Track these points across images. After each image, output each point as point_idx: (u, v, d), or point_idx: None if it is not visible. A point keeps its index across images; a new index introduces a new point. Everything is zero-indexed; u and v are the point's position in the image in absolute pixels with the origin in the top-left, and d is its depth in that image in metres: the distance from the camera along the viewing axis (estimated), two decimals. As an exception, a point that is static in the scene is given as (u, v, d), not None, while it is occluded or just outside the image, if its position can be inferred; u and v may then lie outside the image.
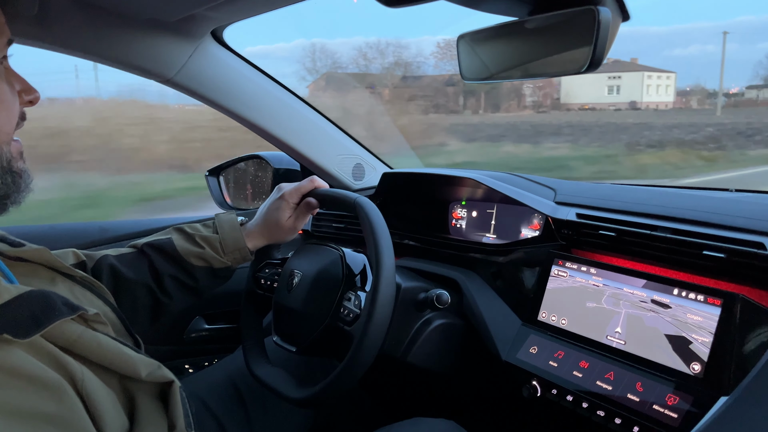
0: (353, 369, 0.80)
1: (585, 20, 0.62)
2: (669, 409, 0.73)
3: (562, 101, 45.36)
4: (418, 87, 38.08)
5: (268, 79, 1.30)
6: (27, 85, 0.66)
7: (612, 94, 48.28)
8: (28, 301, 0.49)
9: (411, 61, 49.60)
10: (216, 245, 0.94)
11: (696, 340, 0.76)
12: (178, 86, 1.19)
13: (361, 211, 0.86)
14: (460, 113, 33.76)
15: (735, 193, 1.05)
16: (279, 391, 0.91)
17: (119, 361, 0.52)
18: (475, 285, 1.07)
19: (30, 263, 0.67)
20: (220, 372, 1.11)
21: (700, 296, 0.78)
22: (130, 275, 0.89)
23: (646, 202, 0.94)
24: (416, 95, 33.92)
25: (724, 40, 50.33)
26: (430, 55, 53.14)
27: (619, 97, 47.45)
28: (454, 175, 1.23)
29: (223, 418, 0.99)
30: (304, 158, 1.41)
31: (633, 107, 43.13)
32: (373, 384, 1.23)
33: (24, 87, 0.66)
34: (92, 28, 1.02)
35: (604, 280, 0.89)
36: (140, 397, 0.54)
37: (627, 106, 43.13)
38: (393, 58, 46.27)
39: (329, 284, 0.91)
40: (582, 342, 0.89)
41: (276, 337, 0.98)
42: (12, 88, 0.64)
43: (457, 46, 0.80)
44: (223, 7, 0.99)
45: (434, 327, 1.00)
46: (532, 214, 1.12)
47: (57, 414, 0.43)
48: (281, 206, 0.96)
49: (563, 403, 0.85)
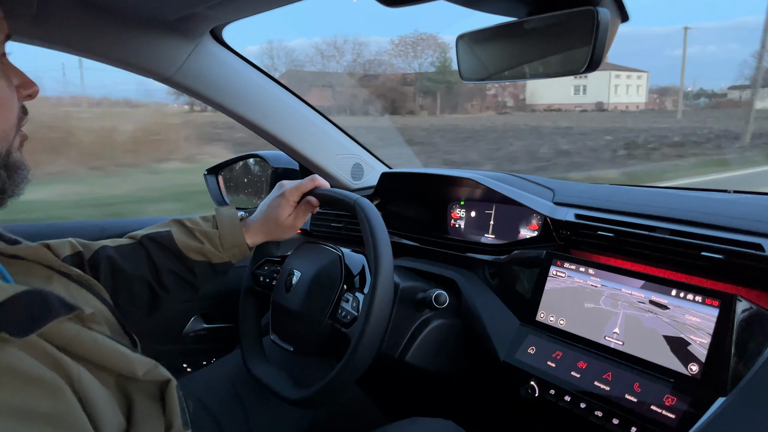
0: (350, 370, 0.80)
1: (584, 21, 0.62)
2: (667, 410, 0.74)
3: (527, 102, 43.83)
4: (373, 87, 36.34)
5: (268, 78, 1.30)
6: (25, 79, 0.66)
7: (578, 94, 45.91)
8: (25, 300, 0.48)
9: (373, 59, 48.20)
10: (215, 240, 0.94)
11: (694, 341, 0.76)
12: (177, 85, 1.19)
13: (361, 212, 0.86)
14: (417, 114, 32.25)
15: (733, 195, 1.05)
16: (276, 390, 0.91)
17: (116, 360, 0.52)
18: (473, 285, 1.07)
19: (26, 261, 0.67)
20: (218, 371, 1.11)
21: (698, 297, 0.78)
22: (128, 267, 0.89)
23: (644, 202, 0.94)
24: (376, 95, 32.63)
25: (685, 37, 44.17)
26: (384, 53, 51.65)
27: (586, 98, 45.13)
28: (452, 175, 1.23)
29: (221, 417, 0.99)
30: (303, 157, 1.40)
31: (599, 108, 41.53)
32: (371, 384, 1.23)
33: (22, 81, 0.65)
34: (91, 26, 1.02)
35: (602, 280, 0.89)
36: (137, 396, 0.54)
37: (594, 107, 41.77)
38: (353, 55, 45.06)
39: (328, 285, 0.91)
40: (580, 342, 0.89)
41: (274, 336, 0.98)
42: (9, 83, 0.63)
43: (456, 46, 0.80)
44: (222, 6, 0.98)
45: (432, 327, 1.00)
46: (530, 214, 1.12)
47: (54, 413, 0.43)
48: (281, 203, 0.96)
49: (561, 403, 0.85)
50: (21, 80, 0.65)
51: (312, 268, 0.95)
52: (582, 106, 43.15)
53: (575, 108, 42.03)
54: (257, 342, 1.04)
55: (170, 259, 0.92)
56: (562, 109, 41.36)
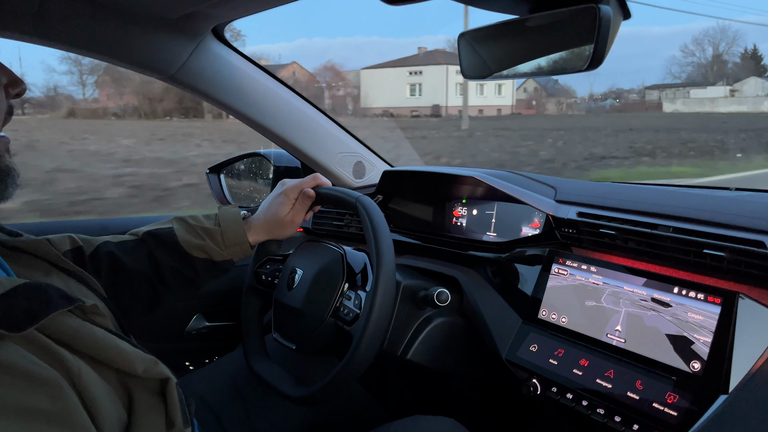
0: (352, 368, 0.80)
1: (586, 18, 0.62)
2: (669, 407, 0.74)
3: (362, 105, 37.21)
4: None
5: (269, 76, 1.30)
6: (13, 77, 0.63)
7: (414, 95, 37.97)
8: (23, 293, 0.48)
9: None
10: (217, 238, 0.93)
11: (696, 338, 0.76)
12: (180, 83, 1.19)
13: (363, 210, 0.86)
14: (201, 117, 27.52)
15: (735, 192, 1.05)
16: (278, 388, 0.92)
17: (115, 355, 0.52)
18: (475, 283, 1.07)
19: (26, 254, 0.67)
20: (220, 369, 1.11)
21: (700, 295, 0.78)
22: (130, 263, 0.88)
23: (646, 200, 0.94)
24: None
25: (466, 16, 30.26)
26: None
27: (421, 100, 37.00)
28: (454, 174, 1.23)
29: (223, 415, 0.99)
30: (305, 156, 1.41)
31: (435, 113, 34.25)
32: (374, 382, 1.23)
33: (10, 80, 0.63)
34: (93, 25, 1.02)
35: (604, 278, 0.89)
36: (138, 392, 0.53)
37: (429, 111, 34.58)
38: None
39: (330, 283, 0.91)
40: (582, 340, 0.89)
41: (276, 334, 0.98)
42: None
43: (458, 45, 0.80)
44: (223, 5, 0.99)
45: (434, 325, 1.01)
46: (532, 212, 1.12)
47: (53, 411, 0.43)
48: (283, 201, 0.96)
49: (563, 401, 0.85)
50: (9, 79, 0.63)
51: (314, 267, 0.95)
52: (417, 109, 35.86)
53: (411, 112, 35.10)
54: (259, 340, 1.04)
55: (172, 255, 0.92)
56: (395, 114, 34.31)
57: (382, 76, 38.73)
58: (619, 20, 0.64)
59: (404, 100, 37.39)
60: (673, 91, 47.31)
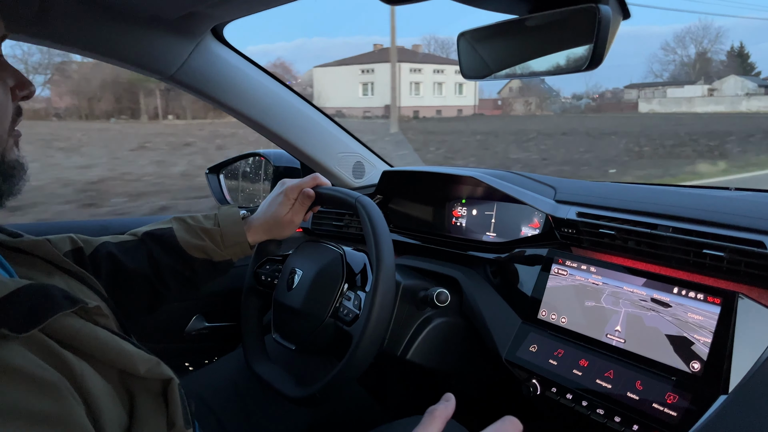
0: (352, 368, 0.80)
1: (586, 18, 0.62)
2: (668, 408, 0.74)
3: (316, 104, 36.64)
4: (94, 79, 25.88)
5: (269, 76, 1.30)
6: (22, 79, 0.63)
7: (367, 95, 35.67)
8: (27, 294, 0.48)
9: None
10: (217, 238, 0.93)
11: (695, 338, 0.76)
12: (179, 83, 1.19)
13: (362, 210, 0.86)
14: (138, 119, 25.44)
15: (735, 192, 1.05)
16: (278, 388, 0.92)
17: (118, 356, 0.52)
18: (475, 283, 1.07)
19: (28, 255, 0.67)
20: (220, 370, 1.11)
21: (700, 295, 0.78)
22: (129, 263, 0.88)
23: (646, 200, 0.94)
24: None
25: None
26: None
27: (374, 99, 34.38)
28: (454, 174, 1.23)
29: (223, 416, 0.99)
30: (305, 156, 1.41)
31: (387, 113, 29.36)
32: (373, 382, 1.23)
33: (18, 82, 0.63)
34: (93, 25, 1.02)
35: (604, 278, 0.89)
36: (139, 393, 0.53)
37: (382, 112, 31.42)
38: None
39: (329, 283, 0.91)
40: (582, 340, 0.89)
41: (276, 335, 0.98)
42: (4, 86, 0.61)
43: (458, 44, 0.80)
44: (223, 5, 0.99)
45: (434, 325, 1.00)
46: (532, 212, 1.12)
47: (55, 413, 0.43)
48: (282, 201, 0.96)
49: (563, 401, 0.85)
50: (17, 81, 0.63)
51: (313, 267, 0.95)
52: (370, 110, 33.57)
53: (364, 113, 32.84)
54: (259, 340, 1.04)
55: (171, 256, 0.92)
56: (347, 114, 32.04)
57: (336, 74, 37.09)
58: (618, 20, 0.64)
59: (357, 100, 35.59)
60: (652, 90, 45.54)
